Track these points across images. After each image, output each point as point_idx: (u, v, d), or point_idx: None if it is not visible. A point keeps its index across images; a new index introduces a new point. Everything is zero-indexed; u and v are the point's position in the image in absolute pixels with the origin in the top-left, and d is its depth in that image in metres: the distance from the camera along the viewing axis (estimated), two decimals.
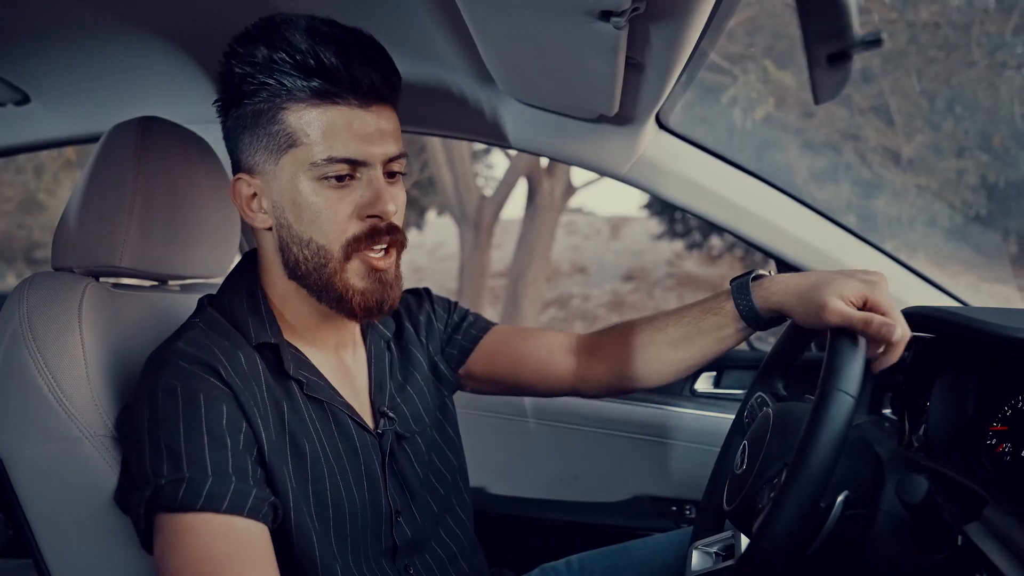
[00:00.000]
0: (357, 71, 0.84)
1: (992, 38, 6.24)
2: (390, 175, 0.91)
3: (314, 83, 0.84)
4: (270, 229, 0.91)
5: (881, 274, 0.91)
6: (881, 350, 0.85)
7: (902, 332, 0.84)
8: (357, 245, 0.88)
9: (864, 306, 0.87)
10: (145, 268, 1.04)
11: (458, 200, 7.81)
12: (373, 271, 0.90)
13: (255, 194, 0.90)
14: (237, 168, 0.92)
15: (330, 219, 0.87)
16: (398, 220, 0.91)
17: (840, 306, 0.85)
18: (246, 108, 0.87)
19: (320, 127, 0.85)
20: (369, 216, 0.88)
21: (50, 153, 7.54)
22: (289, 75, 0.84)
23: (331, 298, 0.90)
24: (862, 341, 0.82)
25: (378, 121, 0.87)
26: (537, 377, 1.14)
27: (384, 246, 0.90)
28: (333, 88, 0.84)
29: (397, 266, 0.94)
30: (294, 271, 0.91)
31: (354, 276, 0.89)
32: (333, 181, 0.86)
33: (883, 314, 0.84)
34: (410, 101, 1.41)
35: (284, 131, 0.86)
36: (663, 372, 1.09)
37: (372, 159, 0.87)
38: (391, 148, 0.89)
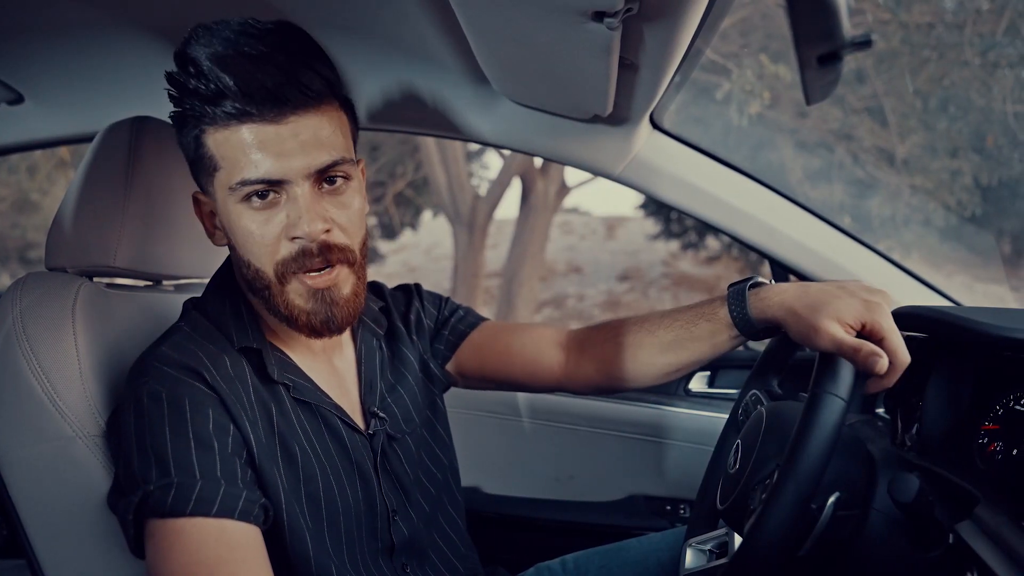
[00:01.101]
0: (254, 88, 0.79)
1: (984, 38, 6.27)
2: (329, 181, 0.85)
3: (221, 106, 0.80)
4: (228, 245, 0.91)
5: (884, 293, 0.89)
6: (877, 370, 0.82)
7: (901, 359, 0.83)
8: (288, 267, 0.85)
9: (863, 329, 0.84)
10: (139, 268, 1.04)
11: (452, 200, 7.80)
12: (314, 291, 0.86)
13: (212, 212, 0.90)
14: (196, 183, 0.91)
15: (258, 243, 0.84)
16: (343, 233, 0.86)
17: (833, 331, 0.83)
18: (184, 133, 0.86)
19: (231, 148, 0.81)
20: (295, 238, 0.84)
21: (43, 153, 7.51)
22: (200, 100, 0.81)
23: (279, 316, 0.88)
24: None
25: (296, 134, 0.81)
26: (526, 372, 1.13)
27: (320, 268, 0.85)
28: (238, 107, 0.79)
29: (358, 278, 0.90)
30: (250, 289, 0.90)
31: (296, 296, 0.86)
32: (256, 201, 0.82)
33: (881, 339, 0.83)
34: (404, 101, 1.42)
35: (207, 155, 0.83)
36: (652, 375, 1.08)
37: (290, 175, 0.81)
38: (316, 159, 0.82)
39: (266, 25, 0.82)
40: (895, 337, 0.84)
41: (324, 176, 0.84)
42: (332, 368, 0.99)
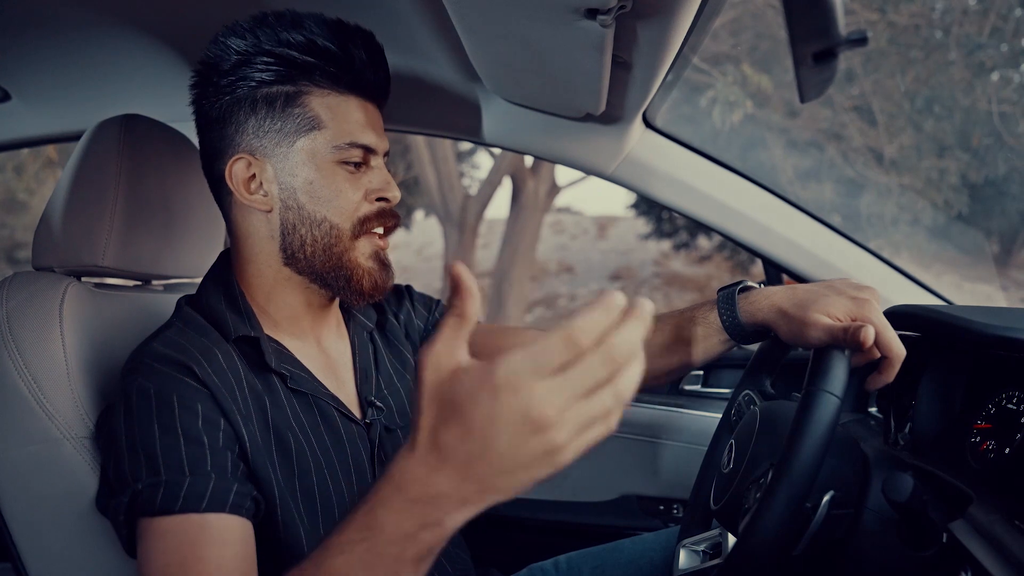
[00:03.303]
0: (373, 67, 0.92)
1: (970, 38, 6.31)
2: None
3: (340, 72, 0.89)
4: (268, 212, 0.91)
5: (872, 290, 0.89)
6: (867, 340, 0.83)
7: (896, 351, 0.84)
8: (368, 224, 0.93)
9: None
10: (128, 268, 1.03)
11: (442, 200, 7.80)
12: (376, 251, 0.95)
13: (254, 175, 0.91)
14: (229, 151, 0.91)
15: (347, 199, 0.91)
16: None
17: (824, 322, 0.85)
18: (253, 91, 0.89)
19: (342, 114, 0.90)
20: (378, 199, 0.93)
21: (31, 151, 7.47)
22: (315, 60, 0.88)
23: (339, 277, 0.93)
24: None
25: (378, 118, 0.95)
26: None
27: (391, 228, 0.96)
28: (356, 80, 0.91)
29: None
30: (295, 254, 0.92)
31: (362, 256, 0.93)
32: (351, 166, 0.91)
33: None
34: (396, 99, 1.41)
35: (306, 115, 0.89)
36: (643, 379, 1.07)
37: (380, 149, 0.94)
38: (387, 142, 0.96)
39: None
40: (887, 331, 0.84)
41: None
42: (328, 359, 0.99)
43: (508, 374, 0.50)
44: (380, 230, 0.95)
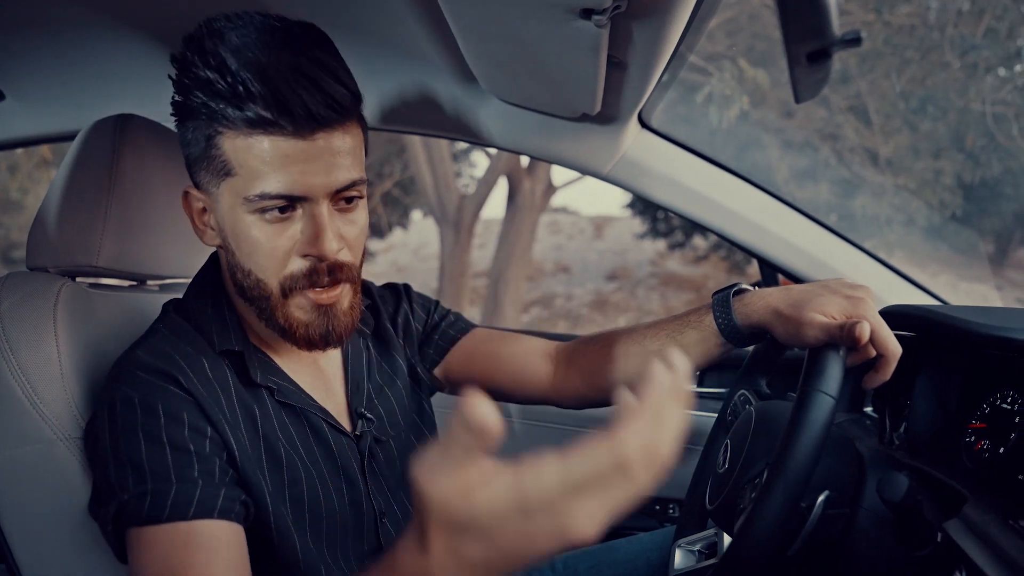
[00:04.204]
0: (290, 99, 0.75)
1: (965, 39, 6.33)
2: (347, 200, 0.84)
3: (245, 110, 0.75)
4: (219, 245, 0.88)
5: (867, 288, 0.89)
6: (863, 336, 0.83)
7: (892, 349, 0.84)
8: (295, 283, 0.83)
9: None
10: (122, 268, 1.03)
11: (438, 200, 7.79)
12: (317, 305, 0.85)
13: (205, 209, 0.86)
14: (190, 177, 0.87)
15: (267, 255, 0.82)
16: (351, 251, 0.86)
17: (819, 321, 0.85)
18: (189, 125, 0.81)
19: (253, 158, 0.77)
20: (307, 255, 0.82)
21: (25, 151, 7.44)
22: (222, 99, 0.76)
23: (275, 327, 0.86)
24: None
25: (321, 150, 0.78)
26: (513, 381, 1.12)
27: (327, 285, 0.84)
28: (265, 116, 0.75)
29: (357, 291, 0.90)
30: (241, 294, 0.88)
31: (297, 310, 0.85)
32: (273, 213, 0.80)
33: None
34: (392, 100, 1.41)
35: (220, 157, 0.79)
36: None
37: (313, 193, 0.79)
38: (339, 177, 0.80)
39: (290, 26, 0.79)
40: (883, 329, 0.84)
41: (343, 194, 0.83)
42: (317, 369, 0.98)
43: (541, 494, 0.48)
44: (317, 287, 0.84)
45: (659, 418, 0.50)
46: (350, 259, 0.86)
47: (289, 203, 0.80)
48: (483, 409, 0.47)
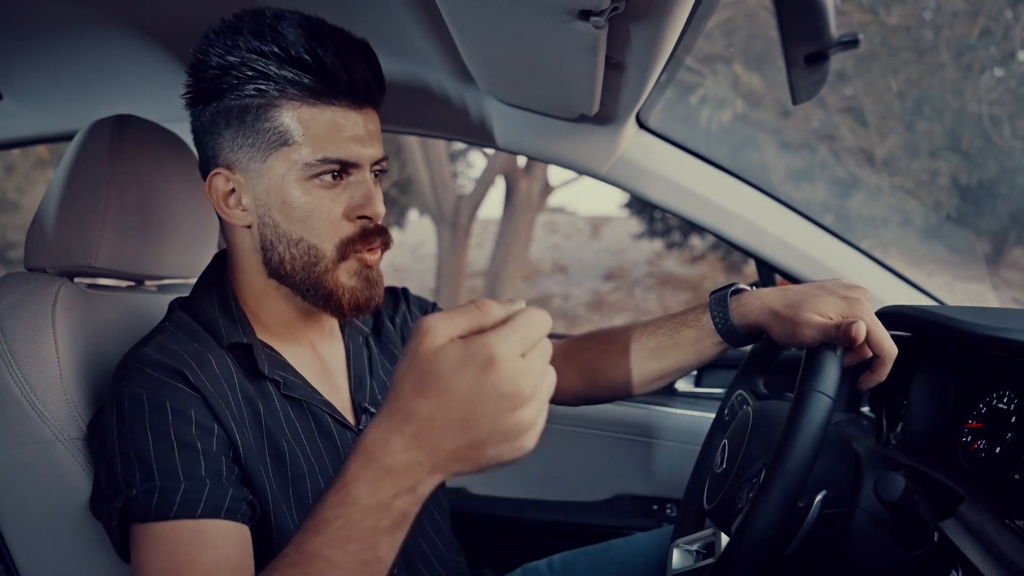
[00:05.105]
0: (355, 72, 0.84)
1: (961, 40, 6.35)
2: (376, 175, 0.91)
3: (311, 81, 0.82)
4: (248, 227, 0.89)
5: (863, 289, 0.90)
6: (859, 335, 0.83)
7: (888, 349, 0.85)
8: (353, 246, 0.88)
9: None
10: (121, 268, 1.03)
11: (435, 199, 7.79)
12: (364, 270, 0.90)
13: (233, 190, 0.88)
14: (211, 163, 0.89)
15: (323, 219, 0.86)
16: (383, 216, 0.92)
17: (816, 321, 0.85)
18: (230, 102, 0.84)
19: (315, 127, 0.84)
20: (360, 217, 0.88)
21: (22, 151, 7.42)
22: (284, 71, 0.82)
23: (319, 296, 0.89)
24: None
25: (367, 124, 0.87)
26: None
27: (374, 248, 0.90)
28: (330, 88, 0.83)
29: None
30: (276, 269, 0.89)
31: (345, 275, 0.89)
32: (327, 179, 0.86)
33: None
34: (390, 100, 1.40)
35: (276, 129, 0.84)
36: (636, 382, 1.07)
37: (363, 161, 0.87)
38: (379, 151, 0.89)
39: (335, 26, 0.87)
40: (878, 329, 0.85)
41: (375, 168, 0.90)
42: (322, 365, 0.99)
43: (501, 348, 0.53)
44: (371, 250, 0.90)
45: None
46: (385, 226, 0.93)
47: (341, 170, 0.86)
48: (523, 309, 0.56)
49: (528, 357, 0.55)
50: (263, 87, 0.83)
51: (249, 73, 0.82)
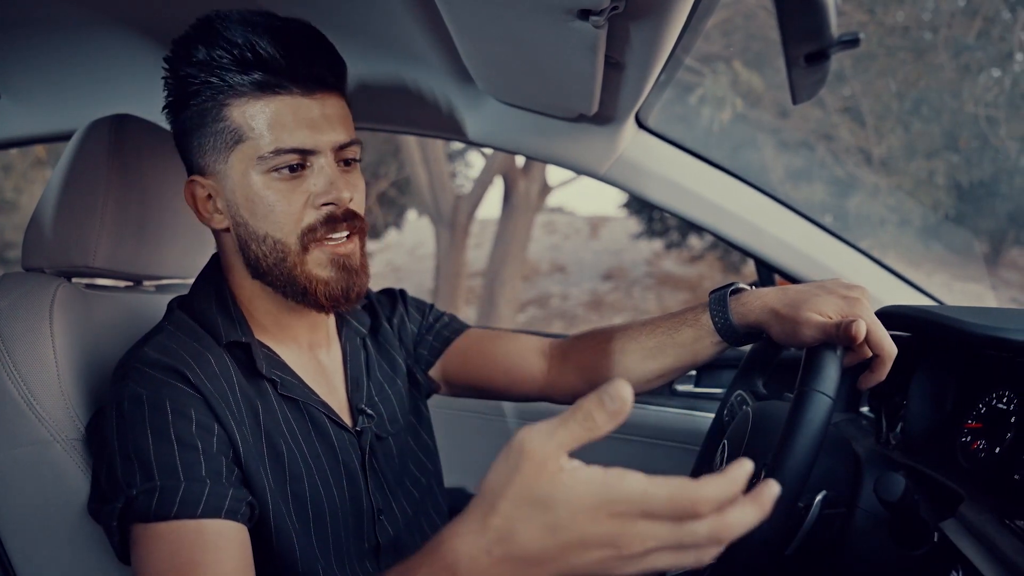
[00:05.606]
0: (296, 59, 0.84)
1: (959, 40, 6.36)
2: (344, 163, 0.90)
3: (254, 75, 0.83)
4: (227, 230, 0.90)
5: (862, 288, 0.90)
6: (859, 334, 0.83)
7: (888, 349, 0.84)
8: (314, 234, 0.87)
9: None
10: (119, 268, 1.03)
11: (434, 200, 7.79)
12: (336, 258, 0.89)
13: (209, 195, 0.90)
14: (190, 171, 0.91)
15: (284, 211, 0.86)
16: (357, 207, 0.90)
17: (816, 320, 0.85)
18: (191, 109, 0.86)
19: (264, 119, 0.84)
20: (324, 204, 0.87)
21: (19, 151, 7.42)
22: (228, 70, 0.83)
23: (296, 291, 0.89)
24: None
25: (323, 109, 0.87)
26: (508, 378, 1.13)
27: (344, 233, 0.89)
28: (273, 79, 0.84)
29: (363, 253, 0.93)
30: (256, 269, 0.90)
31: (316, 266, 0.88)
32: (284, 172, 0.85)
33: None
34: (389, 100, 1.41)
35: (229, 127, 0.85)
36: (635, 381, 1.05)
37: (320, 147, 0.86)
38: (340, 135, 0.88)
39: (277, 15, 0.86)
40: (878, 329, 0.85)
41: (341, 155, 0.89)
42: (319, 365, 0.99)
43: (620, 502, 0.49)
44: (335, 236, 0.88)
45: (736, 492, 0.50)
46: (359, 210, 0.91)
47: (300, 160, 0.86)
48: (623, 391, 0.49)
49: (654, 524, 0.49)
50: (214, 90, 0.84)
51: (202, 78, 0.84)
